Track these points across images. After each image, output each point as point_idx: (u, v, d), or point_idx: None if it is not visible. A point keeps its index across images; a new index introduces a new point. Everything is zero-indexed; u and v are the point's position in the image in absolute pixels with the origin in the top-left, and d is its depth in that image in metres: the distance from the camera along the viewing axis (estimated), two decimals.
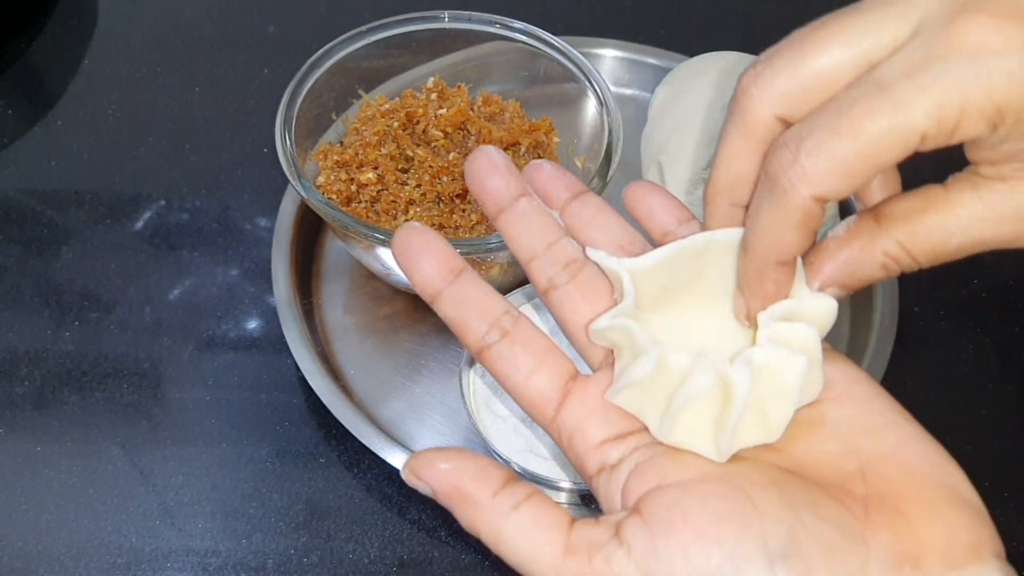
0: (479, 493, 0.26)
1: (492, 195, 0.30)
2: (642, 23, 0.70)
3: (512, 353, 0.28)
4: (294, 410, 0.49)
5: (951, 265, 0.60)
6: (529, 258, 0.30)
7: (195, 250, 0.55)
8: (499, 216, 0.30)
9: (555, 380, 0.28)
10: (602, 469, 0.27)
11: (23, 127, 0.61)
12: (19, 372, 0.50)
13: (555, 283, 0.29)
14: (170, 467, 0.47)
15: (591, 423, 0.27)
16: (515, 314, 0.28)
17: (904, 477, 0.25)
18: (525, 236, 0.30)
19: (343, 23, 0.52)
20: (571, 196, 0.31)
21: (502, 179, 0.30)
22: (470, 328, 0.28)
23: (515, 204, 0.30)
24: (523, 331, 0.28)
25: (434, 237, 0.28)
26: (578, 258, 0.29)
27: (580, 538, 0.25)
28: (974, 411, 0.52)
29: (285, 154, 0.46)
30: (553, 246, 0.29)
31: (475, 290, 0.28)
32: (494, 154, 0.30)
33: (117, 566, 0.44)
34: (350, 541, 0.45)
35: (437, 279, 0.28)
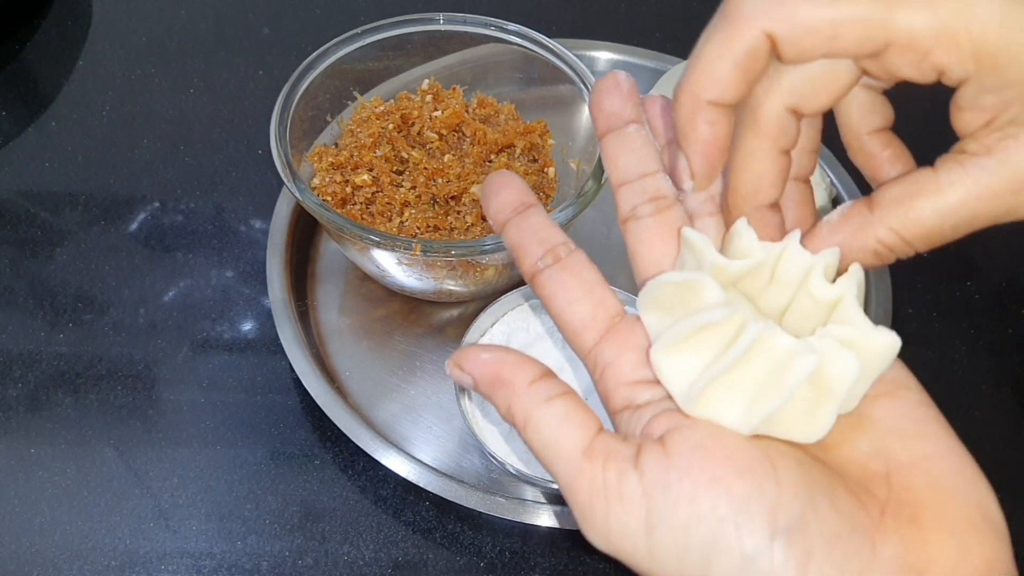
0: (517, 379, 0.27)
1: (606, 114, 0.30)
2: (637, 26, 0.70)
3: (561, 278, 0.28)
4: (289, 412, 0.49)
5: (944, 266, 0.61)
6: (620, 183, 0.29)
7: (190, 252, 0.55)
8: (605, 136, 0.30)
9: (600, 312, 0.28)
10: (627, 407, 0.27)
11: (17, 128, 0.61)
12: (12, 374, 0.50)
13: (637, 213, 0.29)
14: (164, 469, 0.47)
15: (627, 360, 0.27)
16: (572, 247, 0.28)
17: (928, 488, 0.25)
18: (623, 160, 0.29)
19: (338, 25, 0.52)
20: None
21: (620, 101, 0.29)
22: (528, 252, 0.28)
23: (625, 128, 0.29)
24: (576, 261, 0.28)
25: (515, 177, 0.29)
26: (668, 195, 0.29)
27: (602, 444, 0.25)
28: (967, 412, 0.52)
29: (280, 156, 0.46)
30: (647, 177, 0.29)
31: (539, 220, 0.29)
32: (621, 78, 0.30)
33: (111, 568, 0.44)
34: (345, 543, 0.45)
35: (508, 209, 0.29)
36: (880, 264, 0.28)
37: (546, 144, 0.52)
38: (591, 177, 0.46)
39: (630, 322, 0.27)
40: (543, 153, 0.52)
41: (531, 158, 0.52)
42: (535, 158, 0.52)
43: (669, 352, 0.26)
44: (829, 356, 0.24)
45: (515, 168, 0.50)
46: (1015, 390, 0.53)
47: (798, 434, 0.25)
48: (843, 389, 0.24)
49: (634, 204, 0.29)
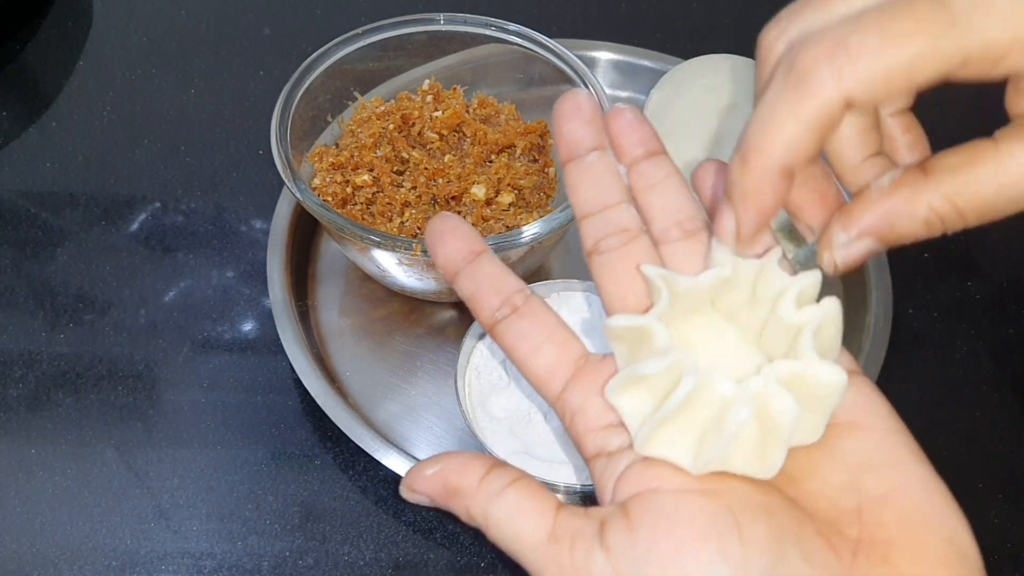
0: (465, 483, 0.26)
1: (566, 140, 0.29)
2: (637, 26, 0.70)
3: (521, 327, 0.28)
4: (289, 412, 0.49)
5: (945, 267, 0.61)
6: (584, 215, 0.29)
7: (190, 252, 0.55)
8: (567, 164, 0.29)
9: (564, 357, 0.28)
10: (599, 454, 0.27)
11: (18, 129, 0.61)
12: (13, 374, 0.50)
13: (601, 248, 0.28)
14: (165, 469, 0.47)
15: (594, 405, 0.27)
16: (527, 293, 0.28)
17: (900, 524, 0.24)
18: (585, 191, 0.29)
19: (339, 25, 0.52)
20: (644, 154, 0.29)
21: (581, 127, 0.29)
22: (484, 303, 0.28)
23: (586, 156, 0.29)
24: (534, 308, 0.28)
25: (459, 222, 0.29)
26: (632, 228, 0.28)
27: (565, 527, 0.25)
28: (968, 413, 0.52)
29: (280, 156, 0.46)
30: (610, 209, 0.28)
31: (492, 268, 0.28)
32: (583, 99, 0.29)
33: (112, 568, 0.44)
34: (345, 543, 0.45)
35: (458, 258, 0.29)
36: (928, 235, 0.26)
37: (547, 144, 0.52)
38: None
39: (595, 364, 0.28)
40: (543, 153, 0.52)
41: (531, 158, 0.52)
42: (535, 158, 0.52)
43: (619, 394, 0.26)
44: (770, 397, 0.24)
45: (515, 168, 0.50)
46: (1015, 390, 0.53)
47: (754, 471, 0.25)
48: (786, 429, 0.24)
49: (598, 238, 0.28)
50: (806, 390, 0.24)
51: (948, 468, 0.52)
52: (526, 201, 0.49)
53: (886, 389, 0.50)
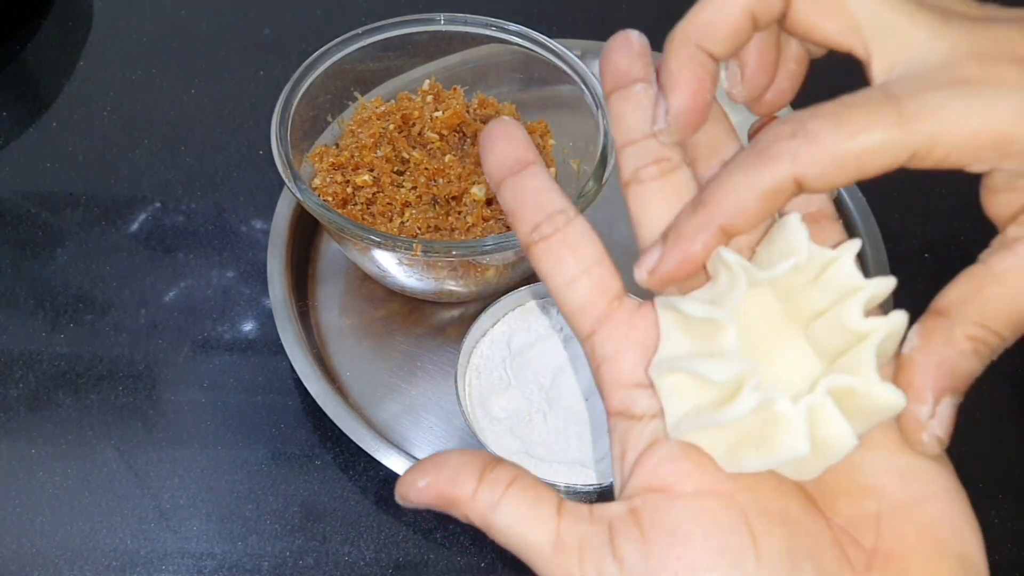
0: (461, 491, 0.26)
1: (613, 71, 0.28)
2: (638, 26, 0.70)
3: (559, 253, 0.27)
4: (289, 412, 0.49)
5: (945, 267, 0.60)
6: (624, 143, 0.28)
7: (190, 252, 0.55)
8: (612, 94, 0.28)
9: (599, 295, 0.26)
10: (623, 413, 0.26)
11: (18, 129, 0.61)
12: (13, 374, 0.50)
13: (640, 176, 0.27)
14: (165, 469, 0.47)
15: (628, 358, 0.26)
16: (571, 215, 0.27)
17: (917, 538, 0.24)
18: (629, 119, 0.28)
19: (339, 25, 0.52)
20: None
21: (627, 59, 0.28)
22: (524, 218, 0.27)
23: (631, 86, 0.28)
24: (576, 233, 0.27)
25: (516, 129, 0.28)
26: (672, 158, 0.27)
27: (570, 533, 0.24)
28: (969, 413, 0.52)
29: (281, 156, 0.46)
30: (651, 138, 0.27)
31: (538, 183, 0.27)
32: (633, 36, 0.29)
33: (112, 568, 0.44)
34: (346, 543, 0.45)
35: (505, 166, 0.27)
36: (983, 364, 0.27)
37: (547, 144, 0.52)
38: (592, 178, 0.46)
39: (630, 310, 0.26)
40: (544, 153, 0.52)
41: None
42: None
43: (665, 378, 0.25)
44: (827, 419, 0.23)
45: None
46: (1016, 390, 0.53)
47: (786, 473, 0.24)
48: (837, 455, 0.23)
49: (636, 166, 0.28)
50: (859, 404, 0.23)
51: None
52: None
53: None
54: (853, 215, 0.56)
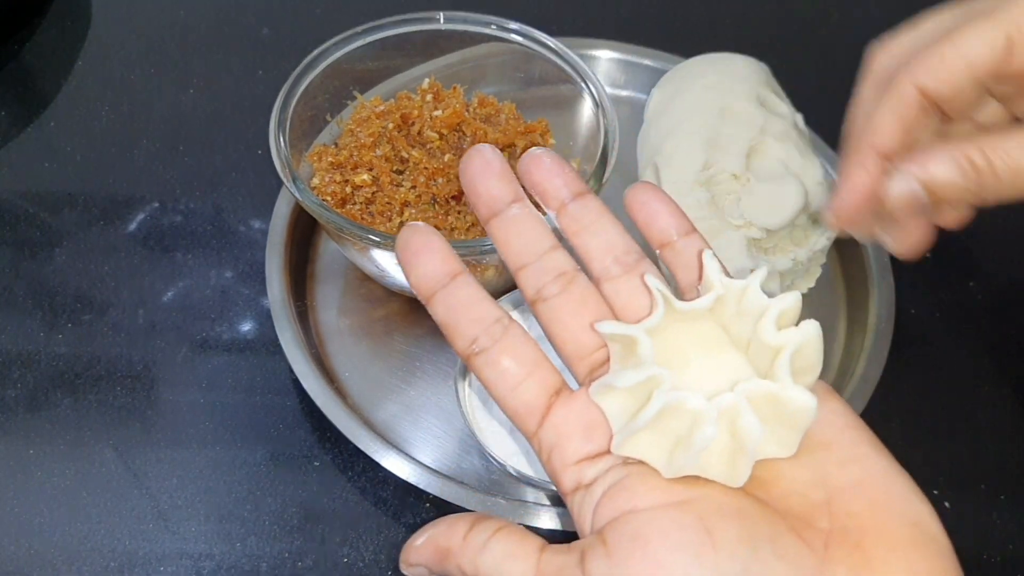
0: (451, 542, 0.27)
1: (484, 199, 0.29)
2: (638, 24, 0.70)
3: (500, 363, 0.28)
4: (288, 413, 0.49)
5: (946, 267, 0.61)
6: (519, 267, 0.29)
7: (189, 252, 0.55)
8: (490, 221, 0.30)
9: (541, 393, 0.28)
10: (577, 488, 0.27)
11: (16, 129, 0.61)
12: (11, 375, 0.50)
13: (544, 295, 0.29)
14: (163, 470, 0.47)
15: (571, 441, 0.27)
16: (506, 322, 0.28)
17: (869, 511, 0.25)
18: (516, 243, 0.29)
19: (338, 24, 0.52)
20: (570, 196, 0.30)
21: (496, 182, 0.29)
22: (460, 333, 0.28)
23: (507, 210, 0.29)
24: (513, 340, 0.28)
25: (435, 238, 0.28)
26: (568, 270, 0.29)
27: (548, 564, 0.26)
28: (970, 413, 0.52)
29: (279, 156, 0.46)
30: (544, 256, 0.29)
31: (469, 294, 0.28)
32: (489, 154, 0.30)
33: (110, 569, 0.44)
34: (344, 544, 0.45)
35: (433, 280, 0.28)
36: (963, 182, 0.30)
37: (547, 144, 0.52)
38: (592, 177, 0.46)
39: (567, 399, 0.28)
40: None
41: None
42: None
43: (601, 396, 0.27)
44: (738, 414, 0.25)
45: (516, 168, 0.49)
46: (1017, 391, 0.53)
47: (725, 479, 0.26)
48: (751, 445, 0.25)
49: (537, 286, 0.29)
50: (779, 409, 0.25)
51: (949, 468, 0.52)
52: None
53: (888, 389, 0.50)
54: None
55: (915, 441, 0.50)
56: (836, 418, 0.27)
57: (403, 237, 0.29)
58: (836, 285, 0.56)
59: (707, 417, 0.25)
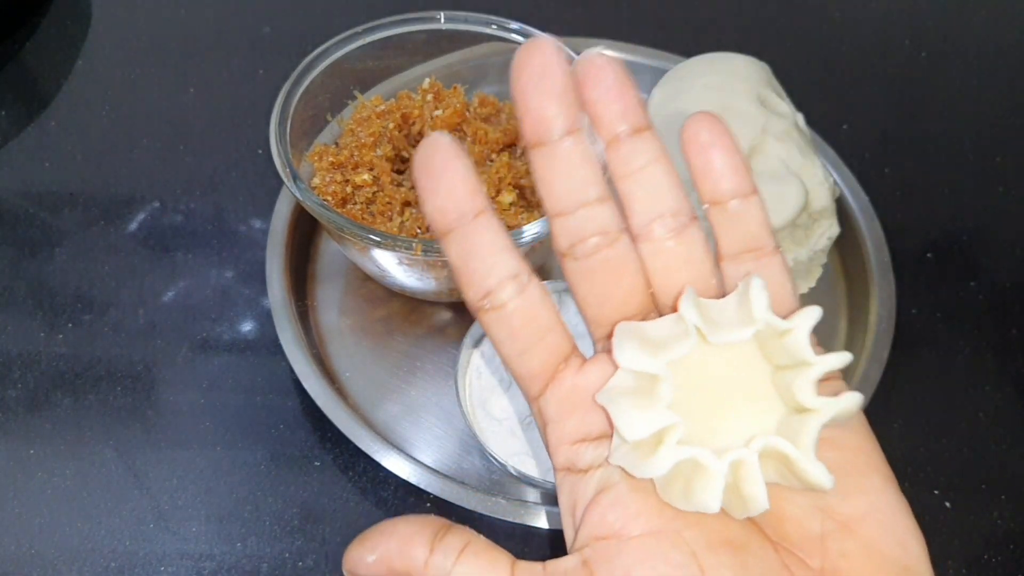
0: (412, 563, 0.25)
1: (534, 119, 0.24)
2: (639, 24, 0.70)
3: (512, 324, 0.25)
4: (289, 413, 0.49)
5: (948, 267, 0.60)
6: (556, 212, 0.25)
7: (189, 252, 0.55)
8: (535, 148, 0.25)
9: (548, 359, 0.25)
10: (569, 468, 0.26)
11: (16, 128, 0.61)
12: (12, 375, 0.50)
13: (577, 252, 0.25)
14: (164, 470, 0.47)
15: (571, 418, 0.25)
16: (525, 279, 0.25)
17: (862, 554, 0.24)
18: (559, 185, 0.25)
19: (338, 24, 0.52)
20: (628, 130, 0.25)
21: (551, 102, 0.24)
22: (474, 282, 0.25)
23: (560, 142, 0.24)
24: (529, 300, 0.25)
25: (460, 161, 0.24)
26: (612, 230, 0.25)
27: None
28: (971, 413, 0.52)
29: (280, 155, 0.46)
30: (587, 207, 0.25)
31: (490, 239, 0.24)
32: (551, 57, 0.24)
33: (110, 570, 0.44)
34: (345, 545, 0.45)
35: (453, 214, 0.24)
36: None
37: None
38: None
39: (575, 369, 0.26)
40: None
41: None
42: None
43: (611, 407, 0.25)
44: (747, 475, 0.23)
45: (516, 167, 0.49)
46: (1018, 391, 0.53)
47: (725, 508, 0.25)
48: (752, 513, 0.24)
49: (572, 241, 0.25)
50: (793, 470, 0.24)
51: (950, 468, 0.52)
52: (527, 200, 0.49)
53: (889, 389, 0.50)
54: (855, 215, 0.56)
55: (916, 441, 0.50)
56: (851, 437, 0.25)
57: (423, 153, 0.24)
58: (837, 285, 0.56)
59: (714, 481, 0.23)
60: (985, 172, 0.64)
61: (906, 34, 0.72)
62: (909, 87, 0.69)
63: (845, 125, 0.64)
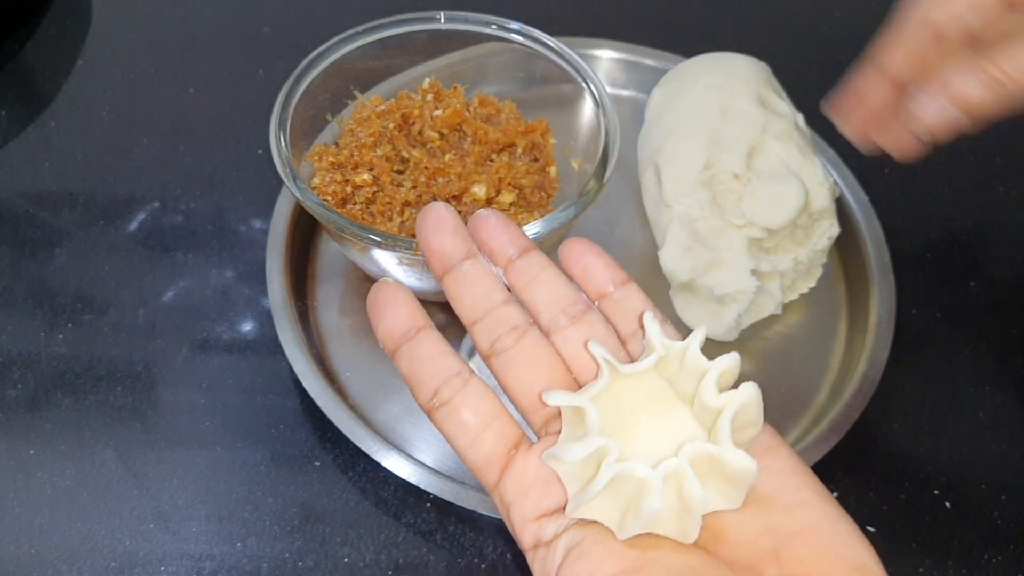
0: None
1: (438, 255, 0.30)
2: (639, 24, 0.70)
3: (460, 414, 0.29)
4: (289, 413, 0.49)
5: (948, 267, 0.60)
6: (472, 321, 0.30)
7: (189, 252, 0.55)
8: (444, 276, 0.30)
9: (499, 446, 0.28)
10: (537, 545, 0.27)
11: (16, 128, 0.60)
12: (12, 375, 0.50)
13: (497, 348, 0.30)
14: (164, 470, 0.47)
15: (529, 497, 0.28)
16: (467, 375, 0.29)
17: (815, 556, 0.26)
18: (468, 298, 0.30)
19: (338, 24, 0.52)
20: (516, 252, 0.31)
21: (448, 238, 0.30)
22: (422, 386, 0.29)
23: (460, 266, 0.30)
24: (473, 393, 0.29)
25: (401, 292, 0.30)
26: (521, 323, 0.30)
27: None
28: (971, 413, 0.52)
29: (280, 155, 0.46)
30: (496, 309, 0.30)
31: (431, 348, 0.29)
32: (443, 212, 0.30)
33: (111, 570, 0.44)
34: (345, 545, 0.45)
35: (397, 334, 0.29)
36: (993, 98, 0.35)
37: (548, 143, 0.52)
38: (593, 176, 0.46)
39: (525, 453, 0.28)
40: (545, 152, 0.52)
41: (533, 157, 0.51)
42: (536, 157, 0.51)
43: (556, 464, 0.28)
44: (683, 479, 0.26)
45: (516, 167, 0.49)
46: (1018, 391, 0.53)
47: (676, 535, 0.27)
48: (696, 509, 0.26)
49: (491, 339, 0.30)
50: (722, 469, 0.26)
51: (951, 469, 0.52)
52: (527, 200, 0.49)
53: (889, 389, 0.50)
54: (856, 215, 0.56)
55: (916, 441, 0.50)
56: (782, 465, 0.28)
57: (372, 292, 0.30)
58: (837, 285, 0.56)
59: (654, 486, 0.26)
60: (985, 172, 0.64)
61: None
62: None
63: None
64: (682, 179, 0.51)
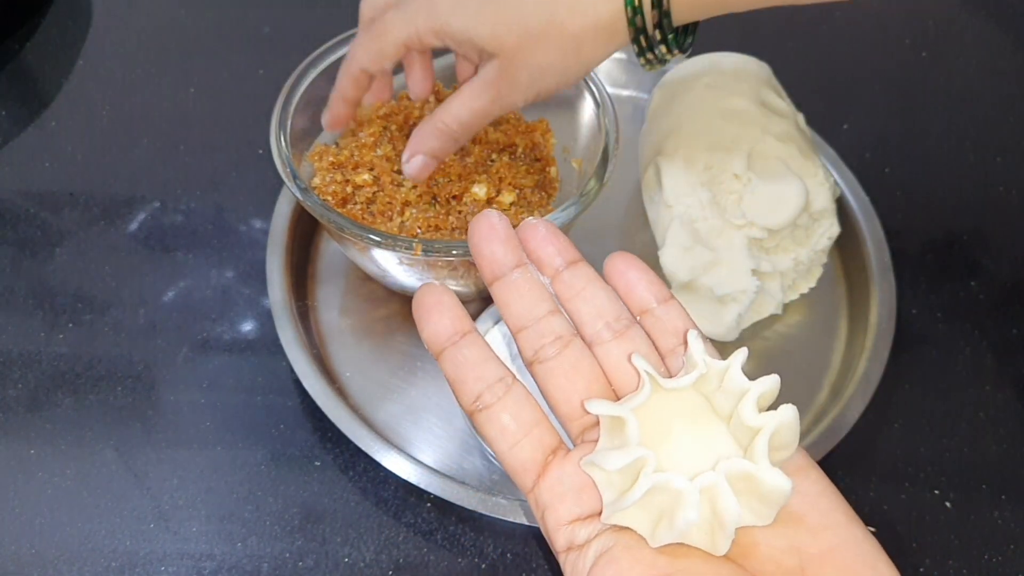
0: None
1: (488, 262, 0.31)
2: None
3: (500, 420, 0.29)
4: (289, 413, 0.49)
5: (948, 267, 0.60)
6: (518, 328, 0.31)
7: (189, 252, 0.55)
8: (493, 283, 0.31)
9: (538, 452, 0.29)
10: (570, 548, 0.28)
11: (17, 128, 0.61)
12: (12, 375, 0.50)
13: (540, 357, 0.30)
14: (164, 470, 0.47)
15: (564, 502, 0.28)
16: (510, 381, 0.29)
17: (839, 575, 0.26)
18: (516, 306, 0.31)
19: (339, 24, 0.52)
20: (564, 264, 0.32)
21: (500, 247, 0.31)
22: (465, 389, 0.29)
23: (510, 274, 0.31)
24: (515, 399, 0.29)
25: (447, 296, 0.30)
26: (565, 334, 0.30)
27: None
28: (972, 413, 0.52)
29: (280, 155, 0.46)
30: (542, 319, 0.30)
31: (475, 353, 0.30)
32: (495, 219, 0.31)
33: (111, 570, 0.44)
34: (345, 545, 0.45)
35: (443, 337, 0.30)
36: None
37: (548, 143, 0.52)
38: (593, 176, 0.46)
39: (561, 460, 0.29)
40: (545, 152, 0.52)
41: (533, 157, 0.51)
42: (537, 157, 0.51)
43: (592, 471, 0.28)
44: (718, 494, 0.26)
45: (517, 167, 0.49)
46: (1019, 390, 0.53)
47: (707, 547, 0.27)
48: (729, 523, 0.26)
49: (535, 348, 0.30)
50: (756, 487, 0.27)
51: (951, 468, 0.52)
52: (527, 200, 0.49)
53: (889, 389, 0.50)
54: (856, 215, 0.56)
55: (917, 441, 0.50)
56: (812, 486, 0.28)
57: (418, 295, 0.30)
58: (837, 285, 0.56)
59: (689, 499, 0.26)
60: (985, 172, 0.64)
61: (906, 34, 0.72)
62: (909, 87, 0.69)
63: (845, 125, 0.65)
64: (683, 179, 0.51)
